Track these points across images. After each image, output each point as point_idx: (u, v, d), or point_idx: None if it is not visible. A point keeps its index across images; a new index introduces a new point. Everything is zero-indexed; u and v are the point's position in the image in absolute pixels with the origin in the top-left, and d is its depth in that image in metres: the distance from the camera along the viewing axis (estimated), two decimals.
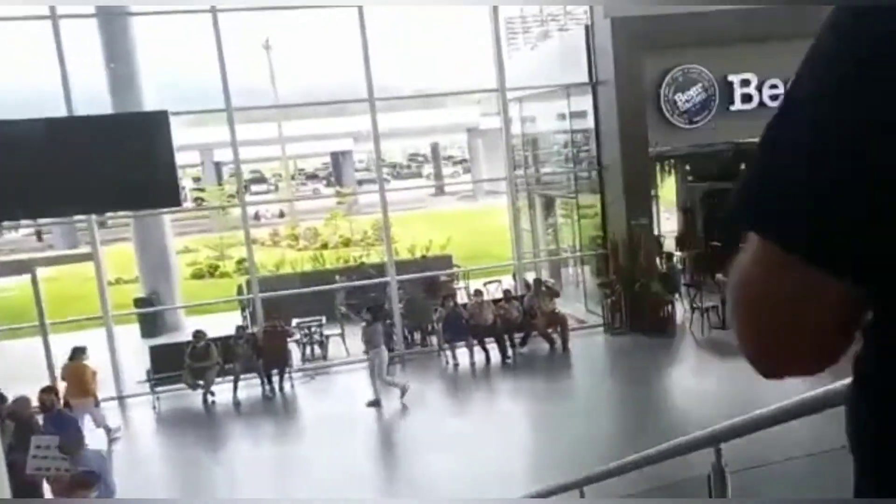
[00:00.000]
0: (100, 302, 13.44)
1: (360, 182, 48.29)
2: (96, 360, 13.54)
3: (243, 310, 16.62)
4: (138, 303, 17.55)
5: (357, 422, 11.30)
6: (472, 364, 13.48)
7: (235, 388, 12.71)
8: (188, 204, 46.10)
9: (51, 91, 12.22)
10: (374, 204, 36.48)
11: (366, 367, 13.79)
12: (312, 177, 55.68)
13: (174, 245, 19.88)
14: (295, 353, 13.89)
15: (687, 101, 13.85)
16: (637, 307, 14.12)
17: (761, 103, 14.14)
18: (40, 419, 8.23)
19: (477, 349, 13.58)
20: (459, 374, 13.32)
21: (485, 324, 13.67)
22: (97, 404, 11.21)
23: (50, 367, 13.02)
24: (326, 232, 31.72)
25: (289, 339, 13.43)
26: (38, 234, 38.11)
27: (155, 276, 18.09)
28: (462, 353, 13.64)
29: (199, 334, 12.84)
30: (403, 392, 11.68)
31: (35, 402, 8.44)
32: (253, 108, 22.06)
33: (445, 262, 19.11)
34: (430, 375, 13.46)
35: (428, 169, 57.21)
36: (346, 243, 29.59)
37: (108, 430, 11.29)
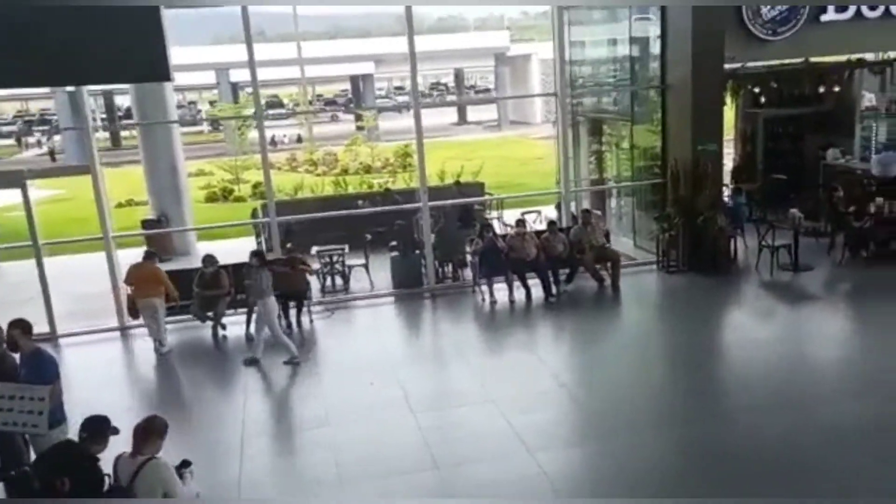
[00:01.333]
0: (99, 221, 12.08)
1: (380, 110, 46.50)
2: (97, 284, 12.38)
3: (258, 235, 15.33)
4: (146, 225, 16.46)
5: (374, 366, 9.97)
6: (512, 302, 12.12)
7: (249, 320, 11.40)
8: (205, 127, 44.94)
9: None
10: (395, 131, 35.31)
11: (390, 303, 12.65)
12: (331, 102, 53.97)
13: (187, 167, 18.55)
14: (314, 284, 12.58)
15: (773, 7, 11.97)
16: (697, 243, 12.61)
17: (858, 13, 12.32)
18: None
19: (517, 285, 12.21)
20: (497, 312, 11.94)
21: (526, 258, 12.25)
22: (175, 301, 11.15)
23: (45, 291, 11.84)
24: (346, 158, 30.28)
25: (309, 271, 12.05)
26: (52, 154, 37.39)
27: (164, 197, 17.05)
28: (499, 289, 12.27)
29: (208, 259, 11.53)
30: (292, 360, 10.22)
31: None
32: (271, 2, 19.96)
33: (478, 189, 17.66)
34: (464, 314, 12.09)
35: (452, 97, 55.65)
36: (367, 170, 28.12)
37: (161, 344, 11.05)
